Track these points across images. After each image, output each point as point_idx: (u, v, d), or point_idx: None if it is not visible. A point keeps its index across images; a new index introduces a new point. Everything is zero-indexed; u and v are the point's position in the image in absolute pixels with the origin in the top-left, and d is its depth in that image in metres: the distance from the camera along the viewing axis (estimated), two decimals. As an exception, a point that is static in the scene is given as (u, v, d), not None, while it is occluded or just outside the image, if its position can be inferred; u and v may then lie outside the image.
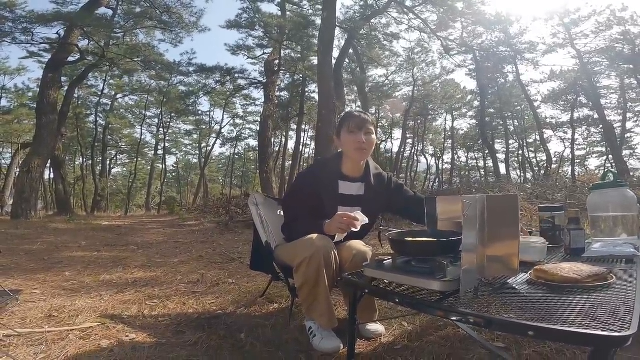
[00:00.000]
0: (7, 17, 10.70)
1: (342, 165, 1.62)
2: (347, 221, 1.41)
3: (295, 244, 1.56)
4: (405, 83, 20.88)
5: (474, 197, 1.00)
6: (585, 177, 10.64)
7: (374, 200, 1.63)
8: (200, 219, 9.01)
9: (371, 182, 1.64)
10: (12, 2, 10.84)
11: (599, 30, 13.35)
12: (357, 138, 1.54)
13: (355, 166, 1.63)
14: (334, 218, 1.46)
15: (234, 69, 16.35)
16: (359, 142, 1.54)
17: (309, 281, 1.44)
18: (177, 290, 2.43)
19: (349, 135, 1.56)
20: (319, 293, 1.45)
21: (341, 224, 1.42)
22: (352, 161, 1.61)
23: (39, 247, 4.46)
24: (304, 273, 1.44)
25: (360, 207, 1.56)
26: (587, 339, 0.69)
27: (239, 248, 4.47)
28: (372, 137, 1.58)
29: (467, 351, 1.36)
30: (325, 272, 1.43)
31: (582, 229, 1.43)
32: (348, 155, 1.60)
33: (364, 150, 1.56)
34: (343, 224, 1.42)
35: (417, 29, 14.04)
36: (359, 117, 1.57)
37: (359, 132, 1.55)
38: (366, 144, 1.55)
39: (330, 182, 1.58)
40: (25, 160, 10.42)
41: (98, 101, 20.63)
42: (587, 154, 22.91)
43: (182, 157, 29.84)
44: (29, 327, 1.65)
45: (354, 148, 1.55)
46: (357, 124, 1.55)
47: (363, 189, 1.63)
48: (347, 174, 1.62)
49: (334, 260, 1.47)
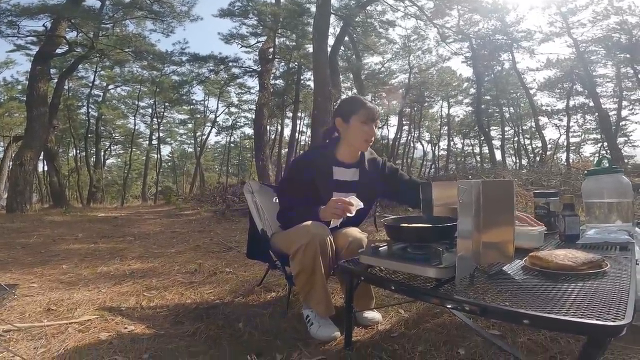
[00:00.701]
0: None
1: (338, 151, 1.61)
2: (342, 206, 1.41)
3: (291, 231, 1.56)
4: (401, 70, 20.70)
5: (469, 183, 1.00)
6: (580, 164, 10.69)
7: (369, 185, 1.63)
8: (196, 208, 9.00)
9: (365, 168, 1.64)
10: None
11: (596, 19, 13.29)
12: (370, 131, 1.54)
13: (353, 153, 1.62)
14: (329, 204, 1.45)
15: (228, 58, 16.11)
16: (370, 135, 1.55)
17: (306, 269, 1.45)
18: (174, 280, 2.44)
19: (361, 125, 1.53)
20: (316, 281, 1.45)
21: (336, 209, 1.42)
22: (351, 148, 1.60)
23: (35, 241, 4.44)
24: (300, 261, 1.45)
25: (355, 193, 1.55)
26: (582, 328, 0.70)
27: (235, 237, 4.48)
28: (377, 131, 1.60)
29: (463, 338, 1.38)
30: (322, 259, 1.43)
31: (577, 215, 1.44)
32: (351, 143, 1.58)
33: (371, 142, 1.57)
34: (338, 210, 1.41)
35: (413, 16, 13.82)
36: (374, 108, 1.55)
37: (372, 123, 1.55)
38: (374, 136, 1.57)
39: (324, 167, 1.58)
40: (17, 153, 10.27)
41: (89, 92, 20.27)
42: (582, 141, 23.04)
43: (177, 147, 29.59)
44: (28, 321, 1.65)
45: (363, 139, 1.55)
46: (372, 116, 1.54)
47: (358, 175, 1.63)
48: (342, 160, 1.61)
49: (330, 248, 1.47)
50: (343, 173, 1.61)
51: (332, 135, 1.64)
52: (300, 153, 6.12)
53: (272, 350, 1.38)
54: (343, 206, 1.40)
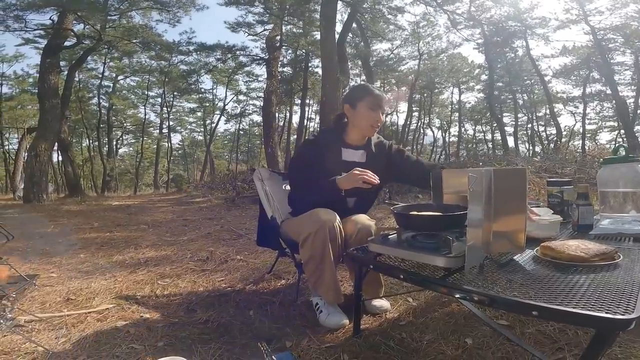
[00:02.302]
0: None
1: (346, 134, 1.65)
2: (362, 176, 1.42)
3: (301, 218, 1.58)
4: (411, 57, 20.27)
5: (480, 171, 0.98)
6: (596, 152, 10.39)
7: (376, 167, 1.63)
8: (207, 195, 9.12)
9: (372, 151, 1.68)
10: None
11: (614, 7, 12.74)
12: (376, 117, 1.59)
13: (360, 137, 1.66)
14: (349, 174, 1.46)
15: (235, 47, 16.06)
16: (376, 121, 1.60)
17: (315, 256, 1.46)
18: (187, 268, 2.50)
19: (367, 111, 1.58)
20: (325, 268, 1.47)
21: (357, 177, 1.42)
22: (359, 132, 1.64)
23: (52, 230, 4.58)
24: (310, 248, 1.46)
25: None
26: (590, 320, 0.69)
27: (246, 224, 4.53)
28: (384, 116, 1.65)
29: (471, 328, 1.39)
30: (331, 246, 1.44)
31: (591, 205, 1.41)
32: (359, 127, 1.62)
33: (377, 128, 1.62)
34: (359, 178, 1.42)
35: (422, 2, 13.45)
36: (380, 95, 1.60)
37: (378, 110, 1.59)
38: (380, 122, 1.62)
39: (333, 148, 1.62)
40: (32, 144, 10.48)
41: (99, 83, 20.47)
42: (599, 128, 22.45)
43: (187, 135, 29.88)
44: (48, 311, 1.71)
45: (370, 124, 1.60)
46: (378, 103, 1.59)
47: (365, 157, 1.66)
48: (350, 142, 1.65)
49: (339, 234, 1.48)
50: (351, 154, 1.64)
51: (342, 121, 1.67)
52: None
53: (282, 338, 1.41)
54: (363, 176, 1.42)
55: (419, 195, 5.46)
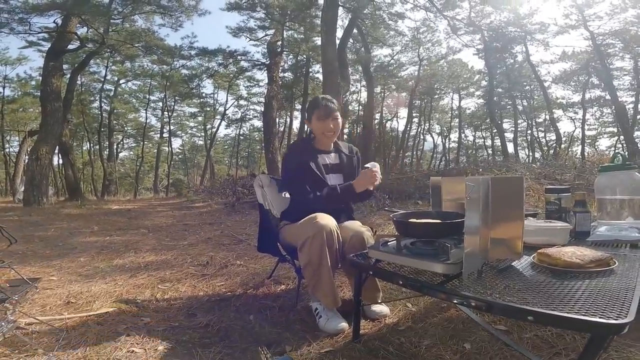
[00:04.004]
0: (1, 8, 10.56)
1: (315, 143, 1.81)
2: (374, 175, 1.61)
3: (298, 224, 1.62)
4: (411, 62, 20.38)
5: (478, 179, 1.00)
6: (595, 157, 10.42)
7: (350, 167, 1.83)
8: (207, 200, 9.12)
9: (344, 152, 1.85)
10: None
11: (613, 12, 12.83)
12: (327, 125, 1.73)
13: (324, 144, 1.82)
14: (361, 176, 1.65)
15: (236, 51, 16.11)
16: (326, 129, 1.73)
17: (313, 261, 1.50)
18: (187, 273, 2.51)
19: (317, 122, 1.73)
20: (322, 273, 1.50)
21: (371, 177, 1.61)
22: (319, 141, 1.81)
23: (53, 234, 4.58)
24: (307, 253, 1.50)
25: (341, 174, 1.78)
26: (584, 325, 0.71)
27: (246, 229, 4.54)
28: (339, 122, 1.76)
29: (470, 333, 1.40)
30: (328, 251, 1.48)
31: (589, 212, 1.42)
32: (318, 138, 1.79)
33: (330, 135, 1.75)
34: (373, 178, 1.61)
35: (422, 8, 13.53)
36: (326, 106, 1.73)
37: (327, 119, 1.72)
38: (333, 129, 1.74)
39: (312, 155, 1.75)
40: (33, 147, 10.51)
41: (101, 87, 20.55)
42: (598, 134, 22.47)
43: (188, 139, 29.93)
44: (49, 314, 1.72)
45: (321, 133, 1.75)
46: (325, 113, 1.72)
47: (338, 158, 1.83)
48: (320, 148, 1.81)
49: (337, 239, 1.52)
50: (327, 158, 1.80)
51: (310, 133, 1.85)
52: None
53: (282, 342, 1.42)
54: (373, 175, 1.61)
55: (418, 202, 5.48)
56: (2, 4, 10.49)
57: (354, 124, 21.02)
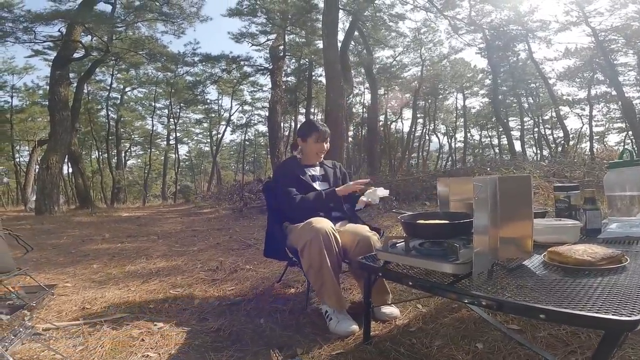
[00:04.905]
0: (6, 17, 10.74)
1: (303, 159, 2.02)
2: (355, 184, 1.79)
3: (298, 228, 1.69)
4: (413, 63, 20.35)
5: (485, 179, 1.00)
6: (604, 154, 10.28)
7: (335, 175, 2.04)
8: (215, 206, 9.19)
9: (327, 166, 2.05)
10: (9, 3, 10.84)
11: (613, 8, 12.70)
12: (321, 147, 1.95)
13: (312, 161, 2.01)
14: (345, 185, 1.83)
15: (239, 57, 16.29)
16: (322, 150, 1.96)
17: (314, 264, 1.56)
18: (197, 278, 2.53)
19: (315, 144, 1.94)
20: (324, 275, 1.54)
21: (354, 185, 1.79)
22: (311, 158, 2.00)
23: (65, 241, 4.65)
24: (308, 257, 1.57)
25: (327, 183, 1.97)
26: (597, 322, 0.71)
27: (254, 234, 4.57)
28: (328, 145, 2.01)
29: (481, 333, 1.40)
30: (327, 253, 1.54)
31: (598, 209, 1.42)
32: (309, 155, 1.98)
33: (322, 154, 1.99)
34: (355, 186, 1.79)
35: (422, 8, 13.56)
36: (324, 131, 1.95)
37: (323, 142, 1.95)
38: (326, 150, 1.98)
39: (300, 169, 1.94)
40: (43, 157, 10.68)
41: (108, 95, 20.82)
42: (607, 130, 22.16)
43: (194, 146, 30.14)
44: (65, 320, 1.75)
45: (316, 152, 1.96)
46: (322, 137, 1.94)
47: (323, 171, 2.03)
48: (308, 164, 2.01)
49: (335, 242, 1.58)
50: (312, 171, 2.01)
51: (296, 149, 2.06)
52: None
53: (293, 345, 1.43)
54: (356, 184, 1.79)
55: (426, 203, 5.45)
56: (6, 13, 10.70)
57: (358, 126, 21.00)
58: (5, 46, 12.72)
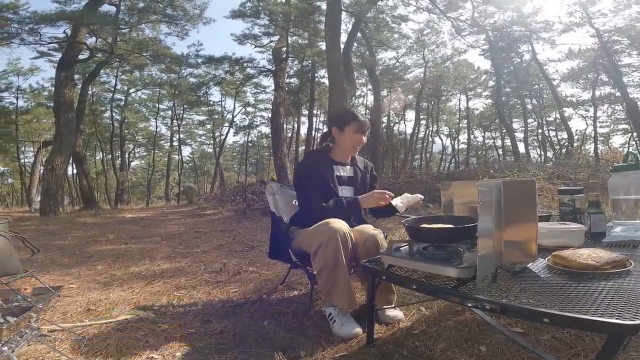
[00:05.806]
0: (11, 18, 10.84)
1: (333, 154, 1.85)
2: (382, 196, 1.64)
3: (311, 229, 1.63)
4: (416, 65, 20.35)
5: (489, 184, 1.01)
6: (609, 155, 10.22)
7: (364, 182, 1.88)
8: (218, 207, 9.22)
9: (359, 167, 1.89)
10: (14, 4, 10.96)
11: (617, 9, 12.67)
12: (360, 139, 1.80)
13: (345, 156, 1.86)
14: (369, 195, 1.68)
15: (242, 59, 16.33)
16: (359, 142, 1.81)
17: (328, 264, 1.51)
18: (201, 280, 2.54)
19: (354, 134, 1.78)
20: (338, 274, 1.51)
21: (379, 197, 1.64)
22: (344, 152, 1.84)
23: (70, 242, 4.69)
24: (323, 256, 1.52)
25: (353, 187, 1.83)
26: (600, 326, 0.71)
27: (257, 236, 4.58)
28: (366, 138, 1.85)
29: (485, 336, 1.39)
30: (343, 253, 1.50)
31: (603, 213, 1.41)
32: (344, 147, 1.82)
33: (358, 148, 1.83)
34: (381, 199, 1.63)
35: (425, 10, 13.55)
36: (365, 122, 1.81)
37: (363, 134, 1.81)
38: (364, 143, 1.83)
39: (327, 166, 1.79)
40: (48, 158, 10.78)
41: (112, 97, 20.97)
42: (611, 132, 22.02)
43: (197, 147, 30.30)
44: (70, 321, 1.76)
45: (354, 145, 1.80)
46: (363, 128, 1.79)
47: (353, 172, 1.87)
48: (338, 160, 1.85)
49: (350, 242, 1.55)
50: (342, 170, 1.84)
51: (327, 139, 1.90)
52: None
53: (297, 347, 1.43)
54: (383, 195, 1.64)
55: (429, 205, 5.44)
56: (11, 15, 10.80)
57: (361, 127, 20.96)
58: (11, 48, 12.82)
